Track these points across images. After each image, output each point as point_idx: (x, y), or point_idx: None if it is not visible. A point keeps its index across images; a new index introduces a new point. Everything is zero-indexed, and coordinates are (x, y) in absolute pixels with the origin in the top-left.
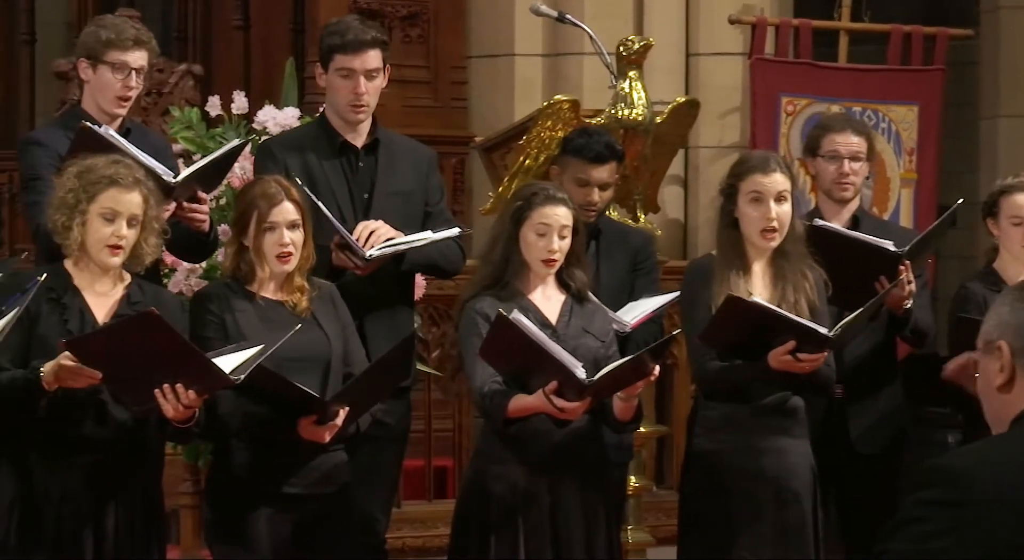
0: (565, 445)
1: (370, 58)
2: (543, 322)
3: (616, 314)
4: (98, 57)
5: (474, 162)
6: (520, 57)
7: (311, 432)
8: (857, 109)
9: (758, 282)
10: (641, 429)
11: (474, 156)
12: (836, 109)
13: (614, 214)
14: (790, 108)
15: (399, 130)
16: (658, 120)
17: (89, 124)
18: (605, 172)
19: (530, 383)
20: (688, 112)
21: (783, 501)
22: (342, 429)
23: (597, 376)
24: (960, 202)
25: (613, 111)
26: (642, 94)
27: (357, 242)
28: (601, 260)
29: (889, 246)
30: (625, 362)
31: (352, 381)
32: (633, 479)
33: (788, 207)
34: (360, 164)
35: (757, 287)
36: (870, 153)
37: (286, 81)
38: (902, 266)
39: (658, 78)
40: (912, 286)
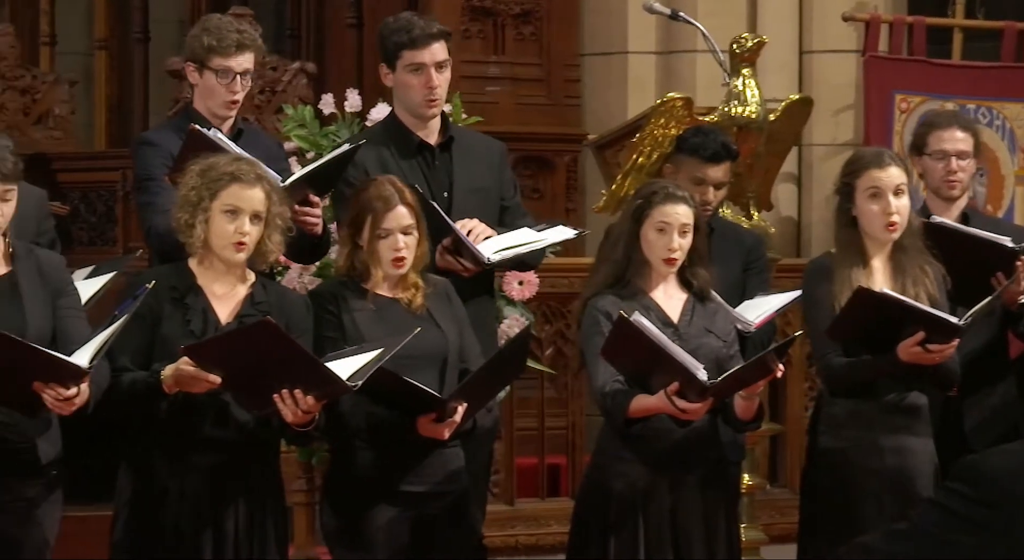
0: (686, 444)
1: (438, 50)
2: (665, 321)
3: (738, 313)
4: (203, 62)
5: (587, 160)
6: (633, 55)
7: (430, 430)
8: (971, 106)
9: (879, 277)
10: None
11: (587, 154)
12: (950, 106)
13: (727, 212)
14: (904, 105)
15: (512, 128)
16: (771, 118)
17: (198, 127)
18: (720, 171)
19: (651, 383)
20: (801, 110)
21: (908, 500)
22: (460, 425)
23: (720, 378)
24: None
25: (726, 109)
26: (755, 92)
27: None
28: (714, 259)
29: (1007, 242)
30: (749, 362)
31: (470, 377)
32: (747, 477)
33: (907, 200)
34: (436, 163)
35: (878, 282)
36: (977, 149)
37: None
38: (1019, 262)
39: (771, 76)
40: None
